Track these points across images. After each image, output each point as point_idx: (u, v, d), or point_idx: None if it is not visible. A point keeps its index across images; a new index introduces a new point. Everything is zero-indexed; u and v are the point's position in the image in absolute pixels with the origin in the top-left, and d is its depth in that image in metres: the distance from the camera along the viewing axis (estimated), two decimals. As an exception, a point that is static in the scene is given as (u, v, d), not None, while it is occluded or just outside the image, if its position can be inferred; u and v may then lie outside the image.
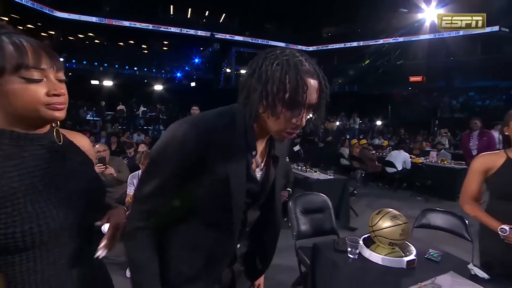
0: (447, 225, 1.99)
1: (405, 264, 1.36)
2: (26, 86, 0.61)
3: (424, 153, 6.67)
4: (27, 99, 0.61)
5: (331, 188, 3.85)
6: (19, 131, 0.65)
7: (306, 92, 0.64)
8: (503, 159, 1.42)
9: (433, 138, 10.53)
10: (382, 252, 1.42)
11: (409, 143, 8.36)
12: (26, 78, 0.60)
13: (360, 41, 19.96)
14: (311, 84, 0.66)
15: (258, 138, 0.77)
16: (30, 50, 0.61)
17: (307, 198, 2.38)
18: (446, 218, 1.99)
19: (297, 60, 0.65)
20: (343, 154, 6.91)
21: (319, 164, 5.20)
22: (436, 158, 5.91)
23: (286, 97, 0.64)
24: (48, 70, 0.64)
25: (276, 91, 0.64)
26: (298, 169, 4.61)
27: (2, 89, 0.60)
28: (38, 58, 0.62)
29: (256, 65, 0.68)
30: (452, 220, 1.97)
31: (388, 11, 17.67)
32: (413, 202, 5.00)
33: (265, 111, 0.68)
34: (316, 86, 0.67)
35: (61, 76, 0.67)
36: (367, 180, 6.25)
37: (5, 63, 0.58)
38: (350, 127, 12.06)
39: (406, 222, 1.41)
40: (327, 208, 2.32)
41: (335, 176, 4.27)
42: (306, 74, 0.65)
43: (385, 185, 6.18)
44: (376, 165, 6.16)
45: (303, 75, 0.64)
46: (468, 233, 1.85)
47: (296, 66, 0.64)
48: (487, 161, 1.46)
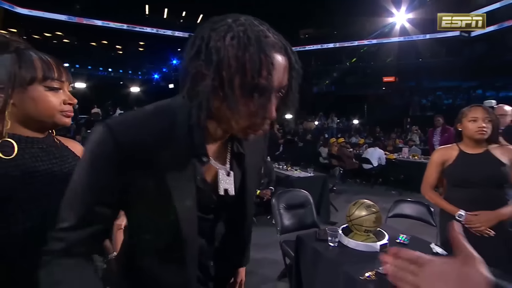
0: (415, 214, 2.20)
1: (379, 248, 1.52)
2: (49, 94, 0.72)
3: (397, 150, 7.10)
4: (48, 105, 0.72)
5: (312, 185, 4.01)
6: (20, 134, 0.71)
7: (272, 73, 0.48)
8: (456, 152, 1.61)
9: (405, 135, 11.13)
10: (359, 239, 1.57)
11: (384, 140, 8.82)
12: (50, 88, 0.72)
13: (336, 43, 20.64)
14: (278, 61, 0.50)
15: (215, 135, 0.60)
16: (54, 65, 0.74)
17: (289, 194, 2.50)
18: (415, 207, 2.21)
19: (257, 31, 0.49)
20: (322, 153, 7.17)
21: (299, 162, 5.38)
22: (408, 154, 6.29)
23: (246, 82, 0.48)
24: (65, 82, 0.76)
25: (233, 76, 0.48)
26: (279, 168, 4.75)
27: (30, 95, 0.70)
28: (60, 72, 0.74)
29: (201, 41, 0.49)
30: (420, 208, 2.18)
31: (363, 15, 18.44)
32: (388, 196, 5.29)
33: (221, 104, 0.51)
34: (285, 63, 0.51)
35: (69, 88, 0.79)
36: (345, 177, 6.54)
37: (35, 74, 0.70)
38: (328, 126, 12.44)
39: (379, 211, 1.57)
40: (309, 203, 2.46)
41: (315, 173, 4.45)
42: (271, 49, 0.49)
43: (363, 181, 6.49)
44: (354, 162, 6.45)
45: (268, 51, 0.48)
46: (433, 220, 2.06)
47: (257, 39, 0.48)
48: (443, 154, 1.65)
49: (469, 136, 1.56)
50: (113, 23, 16.49)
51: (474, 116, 1.52)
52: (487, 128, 1.49)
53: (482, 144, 1.56)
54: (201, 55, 0.49)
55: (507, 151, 1.52)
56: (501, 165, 1.49)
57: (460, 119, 1.61)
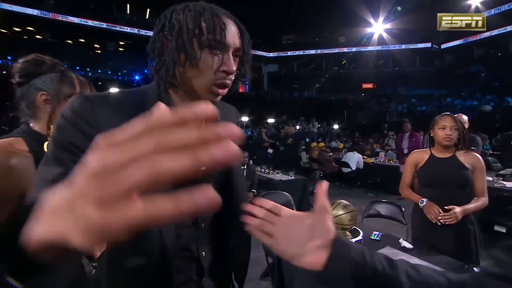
0: (389, 213, 2.35)
1: (354, 245, 1.62)
2: None
3: (374, 154, 7.40)
4: None
5: (293, 188, 4.13)
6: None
7: (225, 30, 0.57)
8: (428, 155, 1.78)
9: (383, 140, 11.61)
10: (336, 237, 1.67)
11: (362, 145, 9.16)
12: None
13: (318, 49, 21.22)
14: (229, 23, 0.59)
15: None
16: (87, 83, 0.91)
17: (271, 196, 2.59)
18: (388, 207, 2.36)
19: (210, 6, 0.60)
20: (302, 157, 7.35)
21: (281, 166, 5.49)
22: (384, 158, 6.59)
23: (203, 39, 0.56)
24: None
25: (192, 35, 0.56)
26: (262, 171, 4.84)
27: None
28: (91, 89, 0.92)
29: (165, 19, 0.59)
30: (393, 209, 2.34)
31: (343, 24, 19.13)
32: (365, 198, 5.50)
33: (184, 63, 0.58)
34: (235, 28, 0.60)
35: None
36: (325, 180, 6.71)
37: (74, 90, 0.87)
38: (309, 131, 12.71)
39: (354, 210, 1.68)
40: (290, 205, 2.56)
41: (296, 177, 4.58)
42: (222, 14, 0.59)
43: (342, 184, 6.70)
44: (333, 166, 6.66)
45: (220, 15, 0.58)
46: (404, 218, 2.22)
47: (210, 7, 0.59)
48: (416, 157, 1.82)
49: (438, 142, 1.73)
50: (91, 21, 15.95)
51: (443, 124, 1.69)
52: (453, 135, 1.67)
53: (450, 149, 1.72)
54: (165, 28, 0.58)
55: (471, 157, 1.69)
56: (464, 169, 1.66)
57: (432, 126, 1.77)
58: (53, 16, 14.89)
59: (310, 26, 20.12)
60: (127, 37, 17.80)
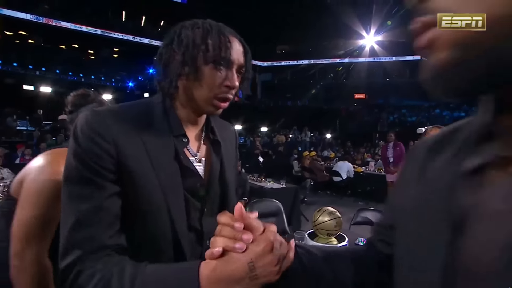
0: (376, 220, 2.40)
1: (340, 251, 1.66)
2: None
3: (365, 163, 7.53)
4: None
5: (284, 196, 4.16)
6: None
7: (230, 48, 0.61)
8: None
9: (374, 149, 11.80)
10: (322, 242, 1.71)
11: (353, 154, 9.30)
12: None
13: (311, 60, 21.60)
14: (235, 42, 0.63)
15: (189, 121, 0.67)
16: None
17: (262, 204, 2.63)
18: (374, 214, 2.41)
19: (218, 24, 0.63)
20: (294, 166, 7.42)
21: (272, 174, 5.53)
22: (374, 167, 6.71)
23: (209, 55, 0.59)
24: None
25: (198, 50, 0.59)
26: (253, 179, 4.87)
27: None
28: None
29: (174, 33, 0.63)
30: (378, 215, 2.38)
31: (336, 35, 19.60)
32: (355, 207, 5.54)
33: (187, 76, 0.60)
34: (241, 48, 0.64)
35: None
36: (316, 188, 6.79)
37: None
38: (301, 140, 12.83)
39: (340, 217, 1.73)
40: (280, 212, 2.59)
41: (287, 185, 4.62)
42: (228, 33, 0.62)
43: (333, 193, 6.78)
44: (324, 175, 6.74)
45: (226, 34, 0.62)
46: (390, 225, 2.28)
47: (217, 26, 0.62)
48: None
49: None
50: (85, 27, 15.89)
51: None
52: None
53: None
54: (174, 42, 0.61)
55: None
56: None
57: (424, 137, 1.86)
58: (47, 21, 14.73)
59: (304, 37, 20.53)
60: (121, 44, 17.78)
